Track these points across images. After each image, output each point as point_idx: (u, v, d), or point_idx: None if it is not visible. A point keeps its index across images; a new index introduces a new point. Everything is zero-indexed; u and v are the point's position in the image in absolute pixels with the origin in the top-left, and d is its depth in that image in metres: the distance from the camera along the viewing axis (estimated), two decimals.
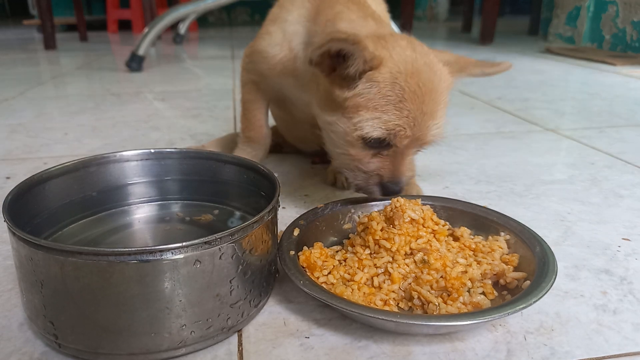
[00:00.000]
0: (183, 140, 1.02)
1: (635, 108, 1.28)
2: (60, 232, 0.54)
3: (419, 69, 0.53)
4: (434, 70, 0.55)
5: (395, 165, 0.57)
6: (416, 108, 0.53)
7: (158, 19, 1.92)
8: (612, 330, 0.44)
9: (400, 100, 0.53)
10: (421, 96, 0.53)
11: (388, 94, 0.53)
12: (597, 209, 0.69)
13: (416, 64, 0.53)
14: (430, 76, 0.54)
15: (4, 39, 3.29)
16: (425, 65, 0.54)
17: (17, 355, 0.41)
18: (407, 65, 0.53)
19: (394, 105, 0.53)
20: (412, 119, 0.53)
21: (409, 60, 0.53)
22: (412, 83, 0.53)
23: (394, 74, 0.53)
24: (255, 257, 0.43)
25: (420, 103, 0.53)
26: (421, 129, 0.54)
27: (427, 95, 0.53)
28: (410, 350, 0.42)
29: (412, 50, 0.54)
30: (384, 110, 0.53)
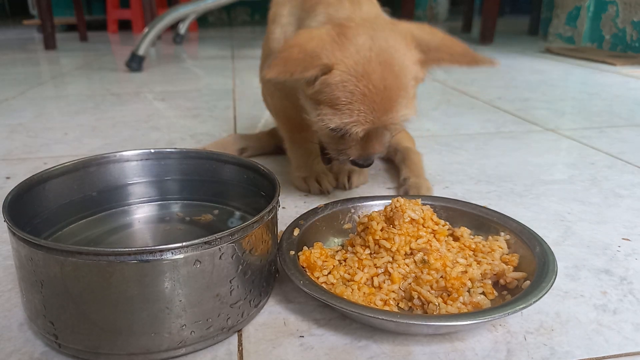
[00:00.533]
0: (183, 140, 1.02)
1: (635, 108, 1.28)
2: (60, 232, 0.54)
3: (369, 71, 0.55)
4: (391, 67, 0.56)
5: (363, 146, 0.61)
6: (367, 107, 0.56)
7: (158, 19, 1.92)
8: (612, 330, 0.44)
9: (350, 102, 0.56)
10: (371, 96, 0.56)
11: (339, 95, 0.56)
12: (597, 209, 0.69)
13: (368, 65, 0.55)
14: (384, 75, 0.55)
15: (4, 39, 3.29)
16: (380, 64, 0.55)
17: (17, 355, 0.41)
18: (357, 68, 0.55)
19: (344, 105, 0.56)
20: (364, 116, 0.57)
21: (362, 62, 0.55)
22: (361, 85, 0.55)
23: (344, 78, 0.55)
24: (255, 257, 0.43)
25: (371, 102, 0.56)
26: (378, 122, 0.57)
27: (379, 95, 0.56)
28: (410, 350, 0.42)
29: (369, 49, 0.55)
30: (337, 109, 0.57)
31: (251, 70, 1.94)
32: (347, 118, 0.57)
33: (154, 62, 2.17)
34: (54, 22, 2.70)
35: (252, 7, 4.64)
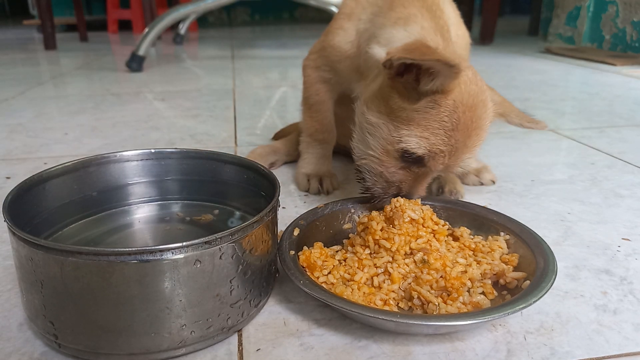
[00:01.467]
0: (183, 140, 1.02)
1: (636, 108, 1.28)
2: (60, 232, 0.54)
3: (476, 104, 0.54)
4: (486, 108, 0.56)
5: (416, 182, 0.58)
6: (462, 140, 0.54)
7: (158, 19, 1.92)
8: (613, 330, 0.44)
9: (452, 129, 0.53)
10: (470, 130, 0.54)
11: (444, 119, 0.53)
12: (597, 209, 0.69)
13: (476, 99, 0.54)
14: (482, 113, 0.55)
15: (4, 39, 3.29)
16: (481, 102, 0.55)
17: (17, 355, 0.41)
18: (469, 99, 0.54)
19: (445, 131, 0.53)
20: (455, 148, 0.54)
21: (472, 93, 0.54)
22: (468, 116, 0.54)
23: (457, 103, 0.53)
24: (255, 257, 0.43)
25: (467, 137, 0.54)
26: (457, 159, 0.56)
27: (475, 131, 0.55)
28: (410, 350, 0.42)
29: (475, 84, 0.55)
30: (434, 133, 0.54)
31: (251, 70, 1.94)
32: (442, 146, 0.54)
33: (154, 62, 2.17)
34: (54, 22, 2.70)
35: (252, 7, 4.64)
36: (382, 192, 0.58)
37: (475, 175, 0.77)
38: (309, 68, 0.74)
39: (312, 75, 0.74)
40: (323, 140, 0.77)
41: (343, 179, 0.80)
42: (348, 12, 0.68)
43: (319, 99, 0.74)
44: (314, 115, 0.75)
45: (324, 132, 0.76)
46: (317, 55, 0.73)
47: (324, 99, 0.74)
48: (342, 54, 0.68)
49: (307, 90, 0.75)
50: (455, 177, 0.74)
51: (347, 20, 0.68)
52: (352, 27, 0.67)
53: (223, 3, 1.98)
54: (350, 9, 0.68)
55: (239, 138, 1.04)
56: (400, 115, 0.54)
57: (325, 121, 0.76)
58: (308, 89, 0.75)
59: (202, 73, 1.90)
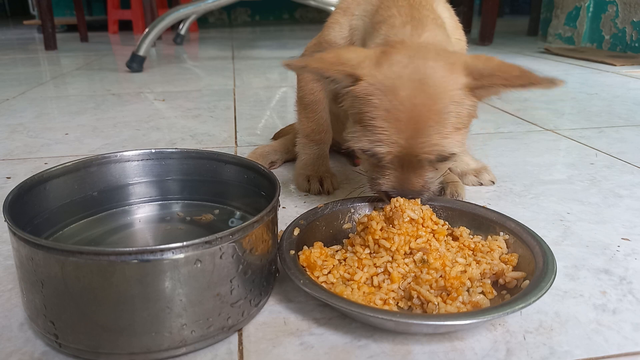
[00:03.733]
0: (183, 141, 1.02)
1: (635, 108, 1.28)
2: (61, 232, 0.55)
3: (397, 86, 0.51)
4: (423, 86, 0.51)
5: (398, 177, 0.55)
6: (392, 126, 0.51)
7: (158, 19, 1.92)
8: (612, 330, 0.44)
9: (373, 118, 0.52)
10: (396, 114, 0.51)
11: (364, 110, 0.52)
12: (596, 208, 0.69)
13: (398, 80, 0.51)
14: (414, 92, 0.51)
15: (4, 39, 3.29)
16: (411, 81, 0.51)
17: (17, 355, 0.41)
18: (385, 82, 0.51)
19: (368, 121, 0.52)
20: (388, 135, 0.52)
21: (391, 76, 0.51)
22: (386, 100, 0.51)
23: (369, 91, 0.52)
24: (256, 256, 0.44)
25: (396, 121, 0.51)
26: (407, 147, 0.52)
27: (406, 113, 0.51)
28: (410, 350, 0.42)
29: (403, 66, 0.52)
30: (363, 126, 0.53)
31: (251, 70, 1.94)
32: (371, 136, 0.52)
33: (155, 63, 2.17)
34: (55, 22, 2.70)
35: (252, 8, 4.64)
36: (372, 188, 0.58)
37: (474, 175, 0.78)
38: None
39: (306, 75, 0.73)
40: (320, 140, 0.76)
41: (343, 178, 0.81)
42: (344, 7, 0.68)
43: (314, 98, 0.74)
44: (310, 115, 0.75)
45: (321, 132, 0.76)
46: (314, 49, 0.72)
47: (319, 98, 0.73)
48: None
49: (302, 90, 0.75)
50: (457, 178, 0.74)
51: (343, 15, 0.68)
52: (346, 23, 0.67)
53: (223, 3, 1.99)
54: (346, 4, 0.68)
55: (239, 138, 1.04)
56: (350, 116, 0.56)
57: (322, 121, 0.75)
58: (303, 88, 0.74)
59: (202, 73, 1.90)
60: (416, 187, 0.55)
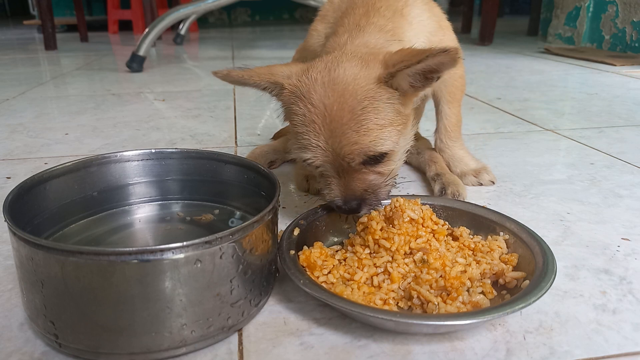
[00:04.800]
0: (183, 141, 1.02)
1: (635, 108, 1.28)
2: (61, 232, 0.55)
3: (311, 91, 0.51)
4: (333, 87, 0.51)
5: (339, 185, 0.54)
6: (311, 132, 0.52)
7: (158, 19, 1.92)
8: (612, 330, 0.44)
9: (295, 125, 0.53)
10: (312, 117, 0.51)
11: (290, 118, 0.54)
12: (596, 208, 0.69)
13: (312, 86, 0.52)
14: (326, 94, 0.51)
15: (4, 39, 3.29)
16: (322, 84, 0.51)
17: (17, 355, 0.41)
18: (301, 88, 0.52)
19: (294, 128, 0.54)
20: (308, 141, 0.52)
21: (306, 82, 0.52)
22: (302, 106, 0.52)
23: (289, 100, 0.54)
24: (256, 256, 0.44)
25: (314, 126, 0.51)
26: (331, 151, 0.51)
27: (321, 117, 0.51)
28: (410, 350, 0.42)
29: (318, 71, 0.52)
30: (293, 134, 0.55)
31: None
32: (297, 143, 0.53)
33: (155, 63, 2.17)
34: (55, 22, 2.70)
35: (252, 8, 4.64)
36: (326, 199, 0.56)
37: (474, 176, 0.78)
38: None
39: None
40: None
41: None
42: (322, 14, 0.70)
43: None
44: None
45: None
46: (298, 55, 0.74)
47: None
48: (315, 55, 0.68)
49: None
50: (458, 179, 0.75)
51: (320, 22, 0.69)
52: (322, 30, 0.68)
53: (223, 3, 1.99)
54: (325, 11, 0.69)
55: (239, 138, 1.04)
56: None
57: None
58: None
59: (202, 73, 1.90)
60: (357, 193, 0.53)
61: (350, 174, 0.53)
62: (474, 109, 1.30)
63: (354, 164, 0.52)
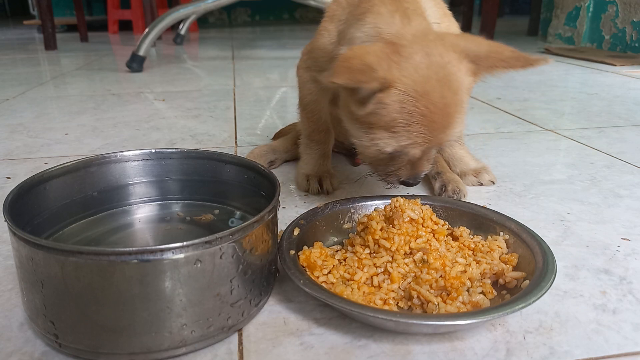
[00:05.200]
0: (184, 141, 1.02)
1: (635, 108, 1.28)
2: (61, 232, 0.55)
3: (428, 91, 0.53)
4: (449, 84, 0.54)
5: (413, 166, 0.60)
6: (426, 128, 0.54)
7: (158, 19, 1.92)
8: (612, 330, 0.44)
9: (409, 124, 0.53)
10: (430, 116, 0.53)
11: (396, 117, 0.53)
12: (596, 208, 0.69)
13: (427, 84, 0.53)
14: (443, 92, 0.53)
15: (4, 39, 3.29)
16: (438, 82, 0.53)
17: (17, 355, 0.41)
18: (416, 87, 0.52)
19: (402, 127, 0.54)
20: (423, 137, 0.55)
21: (420, 80, 0.52)
22: (420, 106, 0.52)
23: (402, 98, 0.52)
24: (256, 256, 0.44)
25: (430, 122, 0.54)
26: (434, 141, 0.56)
27: (438, 114, 0.53)
28: (410, 350, 0.42)
29: (426, 67, 0.53)
30: (394, 132, 0.54)
31: (251, 70, 1.94)
32: (406, 141, 0.54)
33: (155, 63, 2.17)
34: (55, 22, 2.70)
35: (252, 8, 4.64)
36: (386, 180, 0.62)
37: (474, 175, 0.78)
38: (300, 69, 0.75)
39: (304, 76, 0.74)
40: (320, 140, 0.77)
41: (343, 178, 0.81)
42: (330, 13, 0.69)
43: (312, 98, 0.75)
44: (309, 115, 0.76)
45: (320, 131, 0.76)
46: (307, 56, 0.74)
47: (316, 99, 0.74)
48: (327, 55, 0.68)
49: (301, 91, 0.76)
50: (458, 177, 0.75)
51: (330, 21, 0.69)
52: (334, 28, 0.68)
53: (223, 3, 1.98)
54: (332, 11, 0.69)
55: (239, 138, 1.04)
56: (362, 119, 0.56)
57: (320, 121, 0.76)
58: (302, 89, 0.76)
59: (202, 73, 1.90)
60: (427, 170, 0.61)
61: (425, 155, 0.59)
62: (474, 108, 1.30)
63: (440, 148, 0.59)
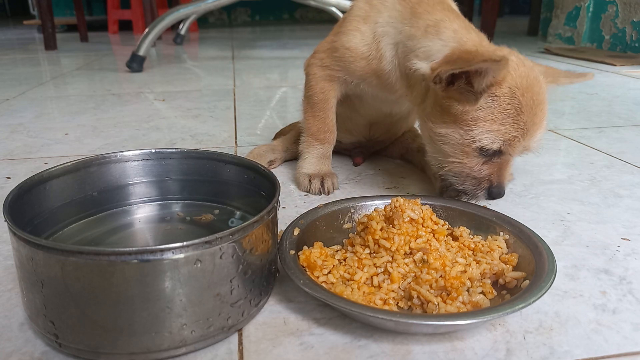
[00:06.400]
0: (183, 141, 1.02)
1: (635, 108, 1.28)
2: (61, 232, 0.55)
3: (531, 84, 0.58)
4: (540, 83, 0.60)
5: (501, 172, 0.62)
6: (529, 120, 0.58)
7: (158, 19, 1.92)
8: (612, 330, 0.44)
9: (518, 114, 0.58)
10: (534, 108, 0.58)
11: (507, 108, 0.57)
12: (596, 208, 0.69)
13: (529, 78, 0.58)
14: (539, 89, 0.59)
15: (4, 39, 3.29)
16: (534, 79, 0.59)
17: (17, 355, 0.41)
18: (522, 81, 0.58)
19: (512, 118, 0.58)
20: (526, 130, 0.59)
21: (523, 75, 0.58)
22: (527, 97, 0.58)
23: (513, 89, 0.57)
24: (256, 256, 0.44)
25: (533, 115, 0.58)
26: (531, 139, 0.60)
27: (538, 107, 0.59)
28: (410, 350, 0.42)
29: (524, 66, 0.59)
30: (502, 123, 0.58)
31: (251, 70, 1.94)
32: (513, 132, 0.58)
33: (155, 63, 2.17)
34: (55, 22, 2.70)
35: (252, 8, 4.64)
36: (474, 189, 0.63)
37: None
38: (315, 67, 0.74)
39: (319, 74, 0.74)
40: (324, 139, 0.77)
41: (343, 178, 0.81)
42: (363, 14, 0.70)
43: (324, 97, 0.75)
44: (317, 114, 0.76)
45: (326, 131, 0.76)
46: (325, 55, 0.73)
47: (328, 98, 0.75)
48: (357, 56, 0.69)
49: (312, 89, 0.75)
50: None
51: (363, 23, 0.69)
52: (369, 30, 0.69)
53: (223, 3, 1.98)
54: (365, 12, 0.70)
55: (239, 138, 1.04)
56: (466, 118, 0.59)
57: (328, 120, 0.76)
58: (313, 87, 0.75)
59: (202, 73, 1.90)
60: (510, 178, 0.64)
61: (508, 164, 0.62)
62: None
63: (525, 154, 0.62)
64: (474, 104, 0.58)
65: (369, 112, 0.82)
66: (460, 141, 0.61)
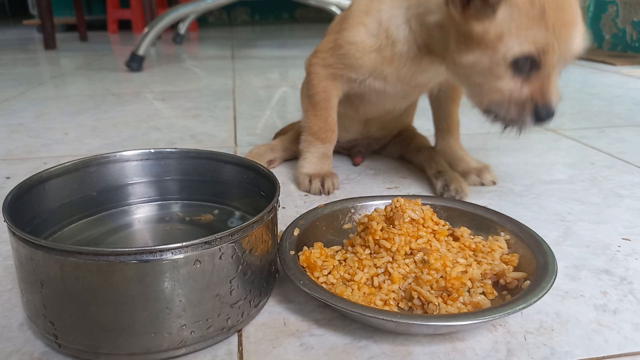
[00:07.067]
0: (183, 140, 1.02)
1: (635, 108, 1.28)
2: (60, 232, 0.54)
3: None
4: None
5: (544, 89, 0.58)
6: (558, 18, 0.53)
7: (158, 19, 1.92)
8: (612, 330, 0.44)
9: (542, 14, 0.53)
10: (561, 6, 0.53)
11: (529, 11, 0.53)
12: (596, 208, 0.69)
13: None
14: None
15: (4, 39, 3.29)
16: None
17: (17, 355, 0.41)
18: None
19: (537, 20, 0.53)
20: (557, 30, 0.54)
21: None
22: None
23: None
24: (255, 257, 0.43)
25: (561, 13, 0.53)
26: (567, 41, 0.55)
27: (565, 4, 0.54)
28: (410, 350, 0.42)
29: None
30: (530, 29, 0.54)
31: (251, 70, 1.94)
32: (544, 33, 0.53)
33: (154, 62, 2.17)
34: (54, 22, 2.70)
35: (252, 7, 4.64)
36: (519, 116, 0.59)
37: (476, 175, 0.78)
38: (317, 66, 0.74)
39: (321, 73, 0.74)
40: (326, 139, 0.77)
41: (343, 178, 0.81)
42: (364, 8, 0.69)
43: (326, 96, 0.74)
44: (319, 113, 0.76)
45: (328, 130, 0.76)
46: (328, 53, 0.73)
47: (330, 97, 0.74)
48: (366, 50, 0.68)
49: (314, 88, 0.75)
50: (459, 176, 0.75)
51: (366, 16, 0.68)
52: (372, 21, 0.68)
53: (223, 3, 1.98)
54: (365, 6, 0.69)
55: (239, 138, 1.04)
56: (490, 38, 0.55)
57: (330, 119, 0.76)
58: (315, 87, 0.75)
59: (202, 73, 1.90)
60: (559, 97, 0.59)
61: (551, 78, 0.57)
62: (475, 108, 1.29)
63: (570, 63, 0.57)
64: (494, 17, 0.54)
65: (368, 110, 0.81)
66: (490, 65, 0.57)
